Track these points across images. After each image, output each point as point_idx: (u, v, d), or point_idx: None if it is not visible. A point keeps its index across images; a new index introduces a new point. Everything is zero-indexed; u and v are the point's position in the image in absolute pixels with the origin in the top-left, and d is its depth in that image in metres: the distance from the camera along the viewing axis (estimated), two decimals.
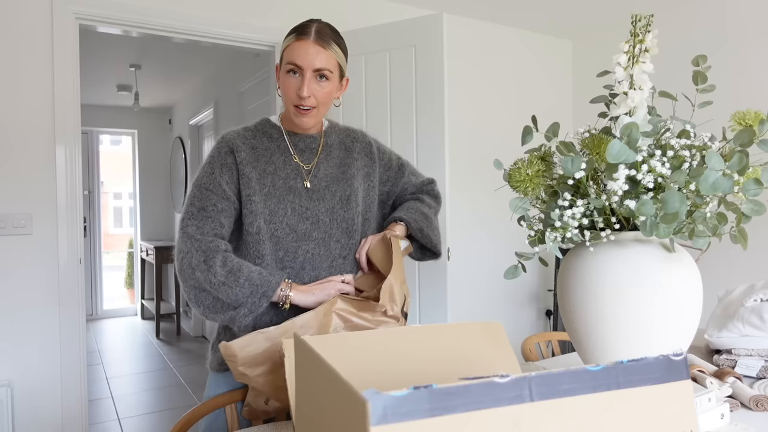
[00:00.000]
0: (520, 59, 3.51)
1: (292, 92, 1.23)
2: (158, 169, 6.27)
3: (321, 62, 1.21)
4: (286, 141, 1.31)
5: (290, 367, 0.93)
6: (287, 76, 1.23)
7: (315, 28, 1.22)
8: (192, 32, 2.58)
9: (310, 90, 1.21)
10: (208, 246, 1.18)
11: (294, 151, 1.31)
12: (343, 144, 1.39)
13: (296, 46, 1.21)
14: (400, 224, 1.36)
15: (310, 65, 1.20)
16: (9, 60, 2.22)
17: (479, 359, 0.89)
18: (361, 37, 2.59)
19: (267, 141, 1.30)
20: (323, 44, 1.21)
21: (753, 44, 2.75)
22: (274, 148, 1.30)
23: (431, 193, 1.50)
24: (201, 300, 1.18)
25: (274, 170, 1.27)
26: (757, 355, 1.21)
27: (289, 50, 1.22)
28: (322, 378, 0.57)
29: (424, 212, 1.42)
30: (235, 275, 1.15)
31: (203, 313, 1.20)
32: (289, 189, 1.27)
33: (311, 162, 1.32)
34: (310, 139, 1.33)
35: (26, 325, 2.26)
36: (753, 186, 0.84)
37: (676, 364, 0.59)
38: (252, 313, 1.16)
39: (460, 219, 3.26)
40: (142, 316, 6.11)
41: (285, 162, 1.29)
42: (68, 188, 2.32)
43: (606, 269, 0.92)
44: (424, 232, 1.36)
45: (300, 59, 1.20)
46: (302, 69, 1.21)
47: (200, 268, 1.17)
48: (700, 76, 0.97)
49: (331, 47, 1.22)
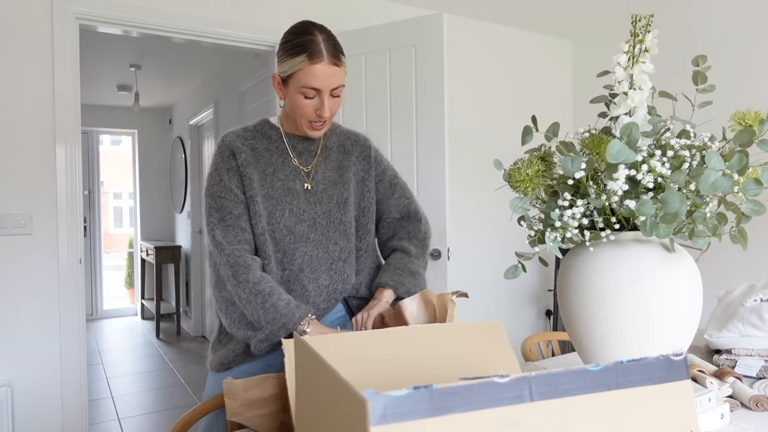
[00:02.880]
0: (520, 59, 3.51)
1: (310, 112, 1.21)
2: (158, 169, 6.27)
3: (337, 81, 1.20)
4: (285, 143, 1.30)
5: (290, 367, 0.93)
6: (303, 99, 1.20)
7: (324, 45, 1.18)
8: (192, 32, 2.58)
9: (330, 109, 1.21)
10: (236, 260, 1.19)
11: (293, 154, 1.30)
12: (342, 147, 1.38)
13: (313, 70, 1.16)
14: (388, 290, 1.31)
15: (328, 87, 1.19)
16: (9, 60, 2.22)
17: (479, 359, 0.89)
18: (362, 37, 2.59)
19: (266, 142, 1.29)
20: (337, 63, 1.19)
21: (753, 44, 2.75)
22: (273, 149, 1.29)
23: (417, 237, 1.42)
24: (230, 313, 1.21)
25: (273, 171, 1.27)
26: (757, 355, 1.21)
27: (305, 74, 1.17)
28: (322, 378, 0.57)
29: (411, 270, 1.36)
30: (264, 297, 1.16)
31: (229, 326, 1.22)
32: (287, 191, 1.27)
33: (310, 164, 1.31)
34: (308, 141, 1.33)
35: (26, 325, 2.26)
36: (753, 186, 0.84)
37: (676, 364, 0.59)
38: (268, 341, 1.17)
39: (460, 219, 3.26)
40: (142, 316, 6.11)
41: (284, 164, 1.29)
42: (68, 188, 2.32)
43: (606, 269, 0.92)
44: (412, 293, 1.31)
45: (318, 83, 1.17)
46: (320, 91, 1.19)
47: (231, 281, 1.19)
48: (700, 76, 0.97)
49: (342, 62, 1.21)
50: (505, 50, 3.44)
